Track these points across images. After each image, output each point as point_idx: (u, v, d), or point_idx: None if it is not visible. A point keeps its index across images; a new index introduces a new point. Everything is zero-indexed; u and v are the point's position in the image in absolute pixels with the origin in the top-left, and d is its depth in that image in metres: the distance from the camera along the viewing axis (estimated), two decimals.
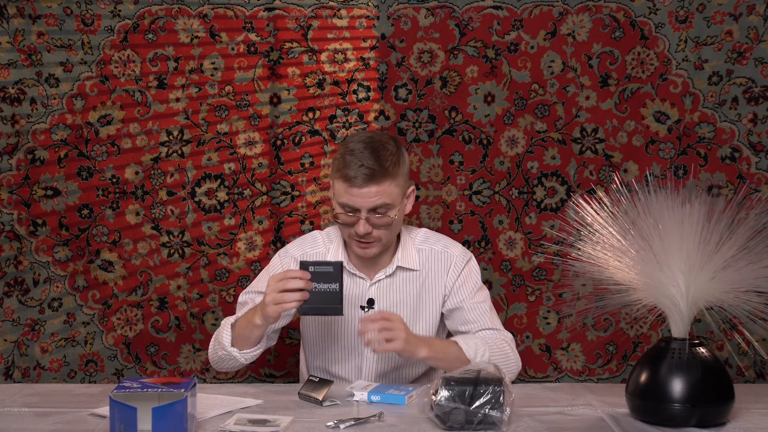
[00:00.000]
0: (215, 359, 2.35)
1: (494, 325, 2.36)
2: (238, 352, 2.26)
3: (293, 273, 2.12)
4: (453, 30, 2.83)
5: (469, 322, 2.36)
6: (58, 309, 2.87)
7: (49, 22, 2.81)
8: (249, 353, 2.27)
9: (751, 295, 1.95)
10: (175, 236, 2.88)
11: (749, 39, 2.79)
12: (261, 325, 2.19)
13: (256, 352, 2.28)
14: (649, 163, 2.83)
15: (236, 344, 2.26)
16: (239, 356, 2.26)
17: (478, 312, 2.37)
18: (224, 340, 2.26)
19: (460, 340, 2.25)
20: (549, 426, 1.95)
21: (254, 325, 2.20)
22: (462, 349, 2.22)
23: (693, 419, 1.93)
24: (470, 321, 2.36)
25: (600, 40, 2.82)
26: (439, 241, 2.45)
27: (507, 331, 2.38)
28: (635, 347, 2.87)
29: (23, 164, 2.83)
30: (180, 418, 1.76)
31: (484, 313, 2.37)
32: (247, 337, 2.24)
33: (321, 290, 2.12)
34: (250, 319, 2.21)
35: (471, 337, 2.28)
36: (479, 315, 2.36)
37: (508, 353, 2.29)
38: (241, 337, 2.25)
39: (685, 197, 2.01)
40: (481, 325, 2.35)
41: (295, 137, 2.87)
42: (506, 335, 2.35)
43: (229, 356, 2.28)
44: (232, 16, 2.83)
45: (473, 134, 2.85)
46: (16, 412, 2.06)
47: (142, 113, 2.85)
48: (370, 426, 1.94)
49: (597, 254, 2.05)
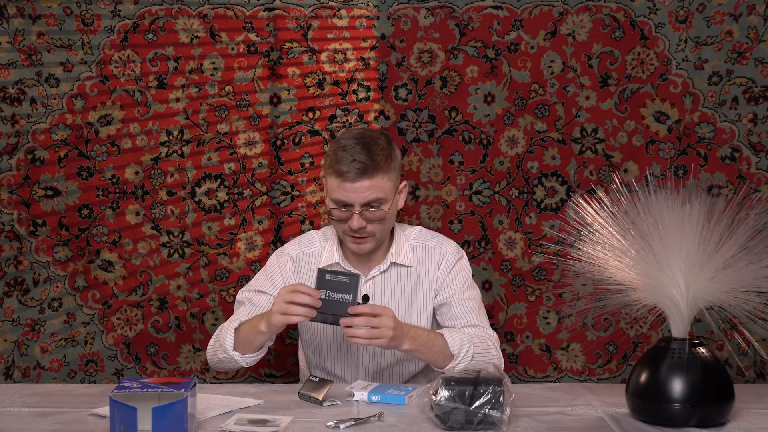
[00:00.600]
0: (215, 360, 2.36)
1: (480, 323, 2.37)
2: (240, 356, 2.26)
3: (304, 288, 2.12)
4: (453, 30, 2.83)
5: (455, 317, 2.37)
6: (58, 309, 2.87)
7: (49, 22, 2.81)
8: (250, 357, 2.28)
9: (751, 295, 1.95)
10: (175, 236, 2.88)
11: (749, 39, 2.79)
12: (265, 332, 2.21)
13: (258, 357, 2.29)
14: (649, 163, 2.83)
15: (238, 348, 2.26)
16: (241, 360, 2.27)
17: (465, 308, 2.37)
18: (227, 344, 2.27)
19: (447, 333, 2.25)
20: (549, 426, 1.95)
21: (258, 332, 2.21)
22: (447, 342, 2.22)
23: (693, 419, 1.93)
24: (457, 316, 2.36)
25: (600, 40, 2.82)
26: (433, 238, 2.46)
27: (492, 330, 2.38)
28: (635, 347, 2.87)
29: (23, 164, 2.83)
30: (180, 418, 1.76)
31: (471, 310, 2.38)
32: (250, 342, 2.25)
33: (335, 299, 2.11)
34: (255, 325, 2.22)
35: (457, 332, 2.28)
36: (466, 311, 2.37)
37: (491, 352, 2.30)
38: (244, 341, 2.26)
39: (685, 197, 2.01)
40: (467, 321, 2.36)
41: (295, 137, 2.87)
42: (491, 334, 2.36)
43: (230, 359, 2.28)
44: (232, 16, 2.83)
45: (473, 134, 2.85)
46: (16, 412, 2.06)
47: (142, 113, 2.85)
48: (370, 426, 1.94)
49: (597, 254, 2.05)
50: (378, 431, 1.92)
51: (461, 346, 2.22)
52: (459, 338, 2.24)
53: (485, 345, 2.29)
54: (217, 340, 2.34)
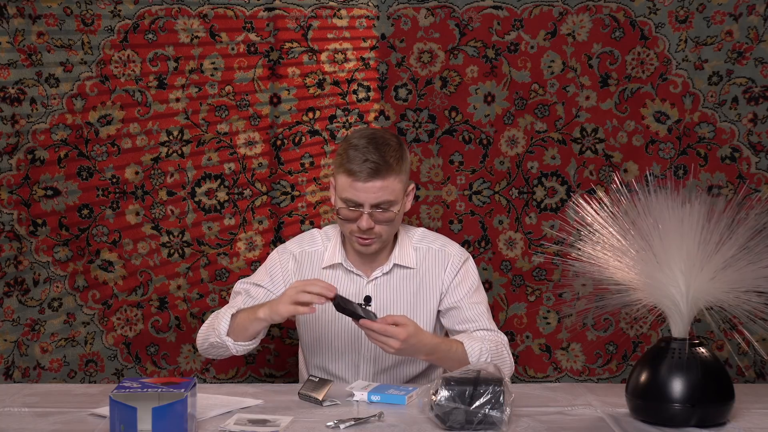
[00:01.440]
0: (204, 345, 2.33)
1: (491, 326, 2.37)
2: (232, 342, 2.24)
3: (321, 282, 2.13)
4: (453, 30, 2.83)
5: (467, 321, 2.37)
6: (58, 309, 2.87)
7: (49, 22, 2.81)
8: (242, 345, 2.25)
9: (751, 295, 1.95)
10: (175, 236, 2.88)
11: (749, 39, 2.79)
12: (263, 320, 2.19)
13: (250, 347, 2.27)
14: (649, 163, 2.83)
15: (231, 334, 2.25)
16: (232, 346, 2.25)
17: (477, 312, 2.37)
18: (221, 328, 2.25)
19: (466, 342, 2.25)
20: (549, 426, 1.95)
21: (256, 318, 2.19)
22: (466, 351, 2.23)
23: (693, 419, 1.93)
24: (469, 320, 2.36)
25: (600, 40, 2.82)
26: (437, 240, 2.45)
27: (502, 333, 2.39)
28: (635, 347, 2.87)
29: (23, 164, 2.83)
30: (180, 418, 1.76)
31: (482, 314, 2.38)
32: (245, 328, 2.23)
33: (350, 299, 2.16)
34: (254, 311, 2.21)
35: (476, 341, 2.28)
36: (477, 315, 2.37)
37: (505, 358, 2.31)
38: (239, 327, 2.24)
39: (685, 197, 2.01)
40: (479, 325, 2.36)
41: (295, 137, 2.87)
42: (503, 338, 2.36)
43: (222, 344, 2.26)
44: (232, 16, 2.83)
45: (473, 134, 2.85)
46: (16, 412, 2.06)
47: (142, 113, 2.85)
48: (370, 426, 1.94)
49: (597, 254, 2.05)
50: (378, 431, 1.92)
51: (480, 355, 2.23)
52: (478, 347, 2.25)
53: (499, 351, 2.30)
54: (210, 325, 2.31)
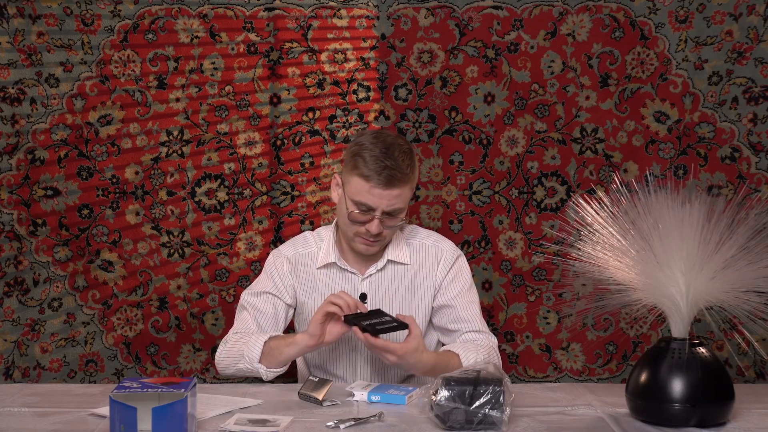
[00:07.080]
0: (231, 370, 2.32)
1: (483, 328, 2.38)
2: (264, 368, 2.24)
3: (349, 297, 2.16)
4: (453, 30, 2.83)
5: (461, 321, 2.37)
6: (58, 309, 2.87)
7: (49, 22, 2.81)
8: (273, 371, 2.26)
9: (751, 295, 1.95)
10: (175, 236, 2.88)
11: (749, 39, 2.79)
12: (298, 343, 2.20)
13: (281, 371, 2.27)
14: (649, 163, 2.83)
15: (264, 360, 2.25)
16: (265, 373, 2.24)
17: (471, 313, 2.38)
18: (252, 355, 2.24)
19: (462, 354, 2.26)
20: (549, 426, 1.95)
21: (292, 342, 2.20)
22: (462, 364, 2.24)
23: (693, 419, 1.93)
24: (463, 320, 2.36)
25: (600, 40, 2.82)
26: (430, 236, 2.46)
27: (492, 335, 2.39)
28: (635, 347, 2.87)
29: (23, 164, 2.83)
30: (180, 418, 1.76)
31: (476, 315, 2.38)
32: (279, 351, 2.23)
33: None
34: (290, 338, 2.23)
35: (471, 350, 2.28)
36: (472, 316, 2.37)
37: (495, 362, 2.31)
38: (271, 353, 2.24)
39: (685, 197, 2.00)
40: (473, 326, 2.36)
41: (295, 137, 2.87)
42: (493, 341, 2.37)
43: (253, 371, 2.26)
44: (232, 16, 2.83)
45: (473, 134, 2.85)
46: (16, 412, 2.05)
47: (142, 113, 2.85)
48: (370, 426, 1.94)
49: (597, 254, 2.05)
50: (378, 431, 1.92)
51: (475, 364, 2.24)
52: (473, 358, 2.25)
53: (490, 356, 2.30)
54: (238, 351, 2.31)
